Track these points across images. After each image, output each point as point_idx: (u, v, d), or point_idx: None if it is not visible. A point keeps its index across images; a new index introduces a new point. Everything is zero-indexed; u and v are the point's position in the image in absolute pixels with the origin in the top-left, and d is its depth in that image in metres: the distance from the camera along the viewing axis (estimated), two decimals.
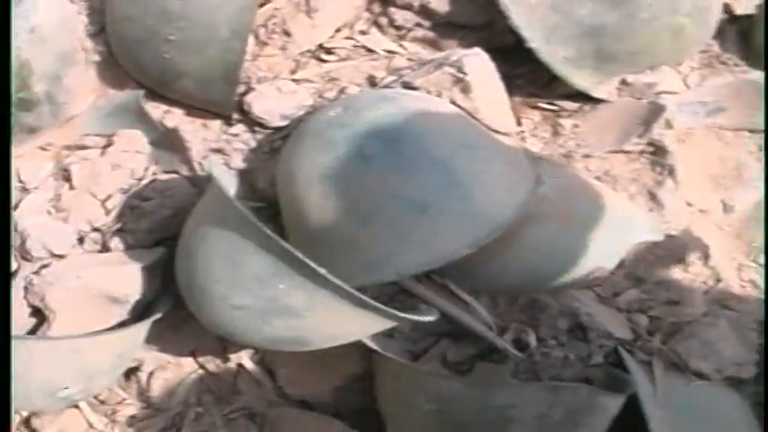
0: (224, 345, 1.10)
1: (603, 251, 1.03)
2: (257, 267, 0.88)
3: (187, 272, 0.97)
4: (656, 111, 1.11)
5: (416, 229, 0.91)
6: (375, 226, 0.92)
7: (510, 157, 1.03)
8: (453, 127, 1.00)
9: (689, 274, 1.11)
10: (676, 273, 1.11)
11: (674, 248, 1.12)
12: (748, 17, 1.21)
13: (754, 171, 1.18)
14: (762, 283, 1.13)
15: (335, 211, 0.94)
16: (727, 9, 1.20)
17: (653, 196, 1.10)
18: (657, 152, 1.11)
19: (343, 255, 0.94)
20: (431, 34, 1.15)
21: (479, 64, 1.06)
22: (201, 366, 1.12)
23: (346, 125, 0.97)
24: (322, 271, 0.85)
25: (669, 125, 1.10)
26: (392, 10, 1.15)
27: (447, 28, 1.15)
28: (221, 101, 1.07)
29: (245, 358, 1.11)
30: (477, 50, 1.08)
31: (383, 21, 1.16)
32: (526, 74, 1.15)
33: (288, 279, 0.87)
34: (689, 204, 1.14)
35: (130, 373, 1.10)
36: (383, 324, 0.94)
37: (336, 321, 0.92)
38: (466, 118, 1.03)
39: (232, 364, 1.11)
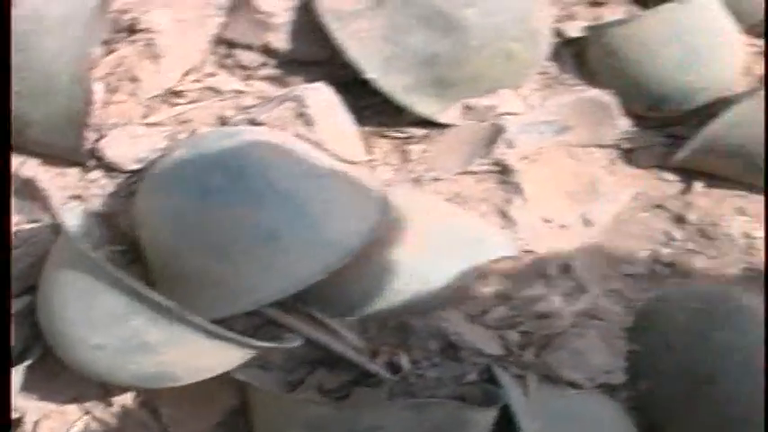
0: (106, 388, 1.24)
1: (461, 270, 1.25)
2: (110, 307, 1.05)
3: (47, 317, 1.13)
4: (496, 132, 1.38)
5: (270, 259, 1.12)
6: (230, 259, 1.13)
7: (358, 184, 1.26)
8: (298, 159, 1.22)
9: (554, 287, 1.34)
10: (541, 287, 1.34)
11: (537, 264, 1.36)
12: (580, 39, 1.51)
13: (608, 185, 1.45)
14: (627, 294, 1.37)
15: (191, 247, 1.14)
16: (559, 33, 1.50)
17: (503, 214, 1.35)
18: (503, 171, 1.37)
19: (203, 289, 1.14)
20: (276, 72, 1.41)
21: (322, 97, 1.31)
22: (87, 412, 1.25)
23: (193, 164, 1.18)
24: (171, 305, 1.03)
25: (511, 145, 1.37)
26: (237, 51, 1.40)
27: (291, 65, 1.40)
28: (72, 148, 1.27)
29: (128, 400, 1.26)
30: (319, 85, 1.34)
31: (229, 62, 1.41)
32: (374, 104, 1.40)
33: (141, 316, 1.04)
34: (548, 221, 1.39)
35: (15, 424, 1.23)
36: (244, 354, 1.12)
37: (196, 355, 1.09)
38: (311, 150, 1.26)
39: (116, 408, 1.25)
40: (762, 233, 1.44)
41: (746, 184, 1.49)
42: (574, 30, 1.51)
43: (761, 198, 1.47)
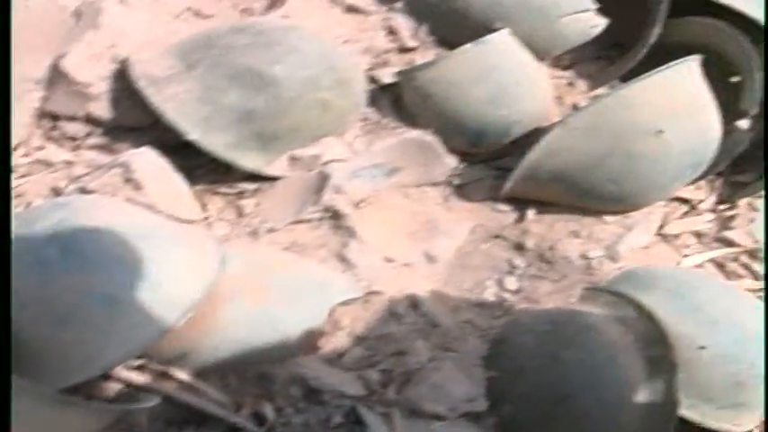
0: None
1: (309, 315, 1.46)
2: None
3: None
4: (323, 179, 1.65)
5: (111, 324, 1.29)
6: (72, 327, 1.29)
7: (194, 242, 1.46)
8: (130, 222, 1.41)
9: (406, 324, 1.57)
10: (394, 325, 1.57)
11: (386, 303, 1.59)
12: (395, 84, 1.83)
13: (446, 221, 1.74)
14: (479, 324, 1.62)
15: (33, 319, 1.29)
16: (374, 80, 1.82)
17: (342, 258, 1.60)
18: (335, 217, 1.63)
19: (50, 359, 1.28)
20: (103, 140, 1.64)
21: (148, 161, 1.54)
22: None
23: (27, 238, 1.35)
24: (16, 379, 1.17)
25: (339, 191, 1.64)
26: (61, 123, 1.63)
27: (117, 132, 1.64)
28: None
29: None
30: (144, 149, 1.58)
31: (56, 134, 1.63)
32: (203, 163, 1.65)
33: None
34: (391, 260, 1.64)
35: None
36: (100, 420, 1.27)
37: (49, 424, 1.22)
38: (143, 212, 1.46)
39: None
40: (598, 252, 1.74)
41: (576, 207, 1.80)
42: (387, 76, 1.83)
43: (591, 220, 1.80)
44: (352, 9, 1.96)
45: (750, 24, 1.99)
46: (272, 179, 1.69)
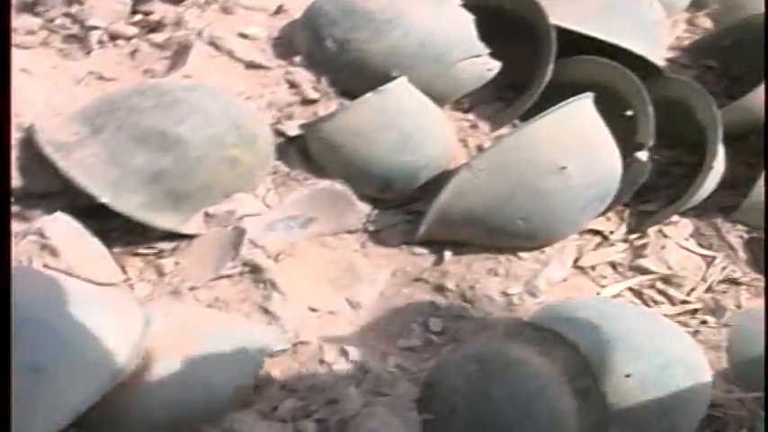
0: None
1: (238, 370, 1.50)
2: None
3: None
4: (239, 234, 1.71)
5: (37, 393, 1.30)
6: None
7: (116, 304, 1.48)
8: (49, 289, 1.43)
9: (336, 372, 1.62)
10: (324, 374, 1.61)
11: (314, 353, 1.64)
12: (301, 137, 1.91)
13: (366, 267, 1.81)
14: (408, 367, 1.68)
15: None
16: (280, 133, 1.90)
17: (266, 311, 1.65)
18: (254, 271, 1.69)
19: None
20: (15, 209, 1.67)
21: (62, 227, 1.57)
22: None
23: None
24: None
25: (256, 245, 1.70)
26: None
27: (29, 199, 1.68)
28: None
29: None
30: (58, 215, 1.61)
31: None
32: (119, 226, 1.70)
33: None
34: (315, 310, 1.70)
35: None
36: None
37: None
38: (61, 278, 1.47)
39: None
40: (517, 288, 1.83)
41: (492, 246, 1.89)
42: (292, 128, 1.92)
43: (508, 257, 1.89)
44: (252, 65, 2.06)
45: (637, 60, 2.17)
46: (189, 237, 1.74)
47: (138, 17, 2.25)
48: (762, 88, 2.07)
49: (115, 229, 1.72)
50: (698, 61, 2.50)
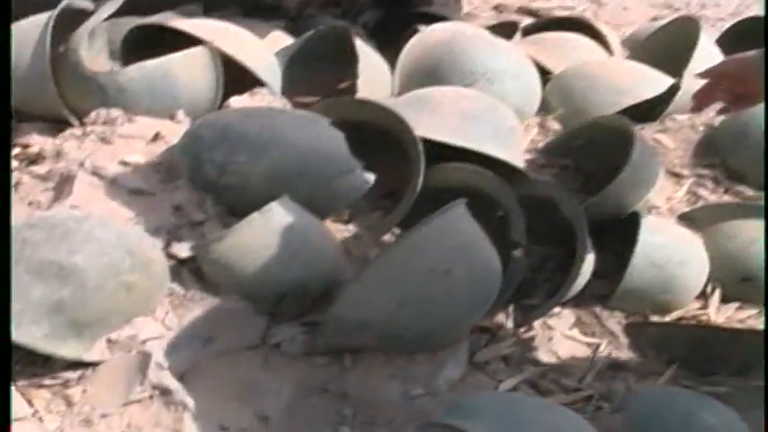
0: None
1: None
2: None
3: None
4: (144, 358, 1.76)
5: None
6: None
7: None
8: None
9: None
10: None
11: None
12: (193, 258, 2.00)
13: (271, 381, 1.88)
14: None
15: None
16: (172, 256, 1.99)
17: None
18: (164, 393, 1.73)
19: None
20: None
21: None
22: None
23: None
24: None
25: (162, 367, 1.75)
26: None
27: None
28: None
29: None
30: None
31: None
32: (22, 358, 1.71)
33: None
34: (226, 428, 1.74)
35: None
36: None
37: None
38: None
39: None
40: (419, 390, 1.91)
41: (388, 351, 1.98)
42: (184, 250, 2.00)
43: (405, 360, 1.98)
44: (135, 192, 2.14)
45: (499, 164, 2.36)
46: (94, 364, 1.76)
47: (18, 150, 2.33)
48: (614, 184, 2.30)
49: (17, 362, 1.73)
50: (553, 161, 2.74)
